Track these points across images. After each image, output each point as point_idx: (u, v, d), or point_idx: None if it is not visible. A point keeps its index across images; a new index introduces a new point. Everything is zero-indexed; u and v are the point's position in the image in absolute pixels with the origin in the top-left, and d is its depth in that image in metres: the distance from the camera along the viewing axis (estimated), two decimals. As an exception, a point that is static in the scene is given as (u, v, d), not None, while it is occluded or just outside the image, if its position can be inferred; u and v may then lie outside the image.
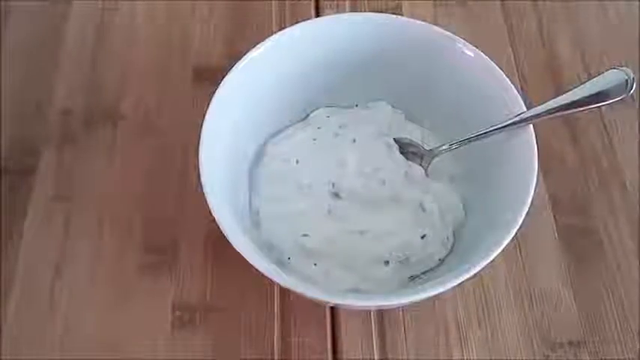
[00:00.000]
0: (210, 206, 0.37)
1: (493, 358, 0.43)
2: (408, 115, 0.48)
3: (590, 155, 0.50)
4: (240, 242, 0.36)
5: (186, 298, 0.45)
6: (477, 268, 0.36)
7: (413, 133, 0.47)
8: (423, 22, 0.44)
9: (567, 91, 0.41)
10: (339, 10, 0.57)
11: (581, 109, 0.41)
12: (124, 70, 0.53)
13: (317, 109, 0.48)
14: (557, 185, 0.49)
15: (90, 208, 0.47)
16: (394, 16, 0.46)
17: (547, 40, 0.56)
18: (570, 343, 0.44)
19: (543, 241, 0.47)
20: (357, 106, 0.48)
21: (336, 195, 0.44)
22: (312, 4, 0.57)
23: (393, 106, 0.48)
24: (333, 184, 0.44)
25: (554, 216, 0.48)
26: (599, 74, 0.42)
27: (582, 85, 0.41)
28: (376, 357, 0.43)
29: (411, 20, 0.45)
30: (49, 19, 0.56)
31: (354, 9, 0.57)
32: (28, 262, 0.45)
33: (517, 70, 0.54)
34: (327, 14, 0.56)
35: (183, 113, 0.50)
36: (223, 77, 0.42)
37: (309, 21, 0.45)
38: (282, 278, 0.36)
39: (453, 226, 0.44)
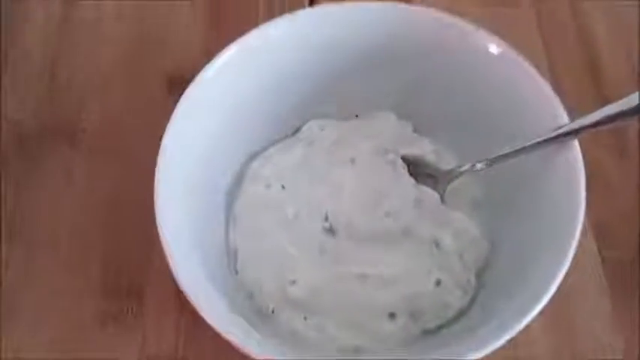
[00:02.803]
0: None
1: None
2: (417, 127, 0.40)
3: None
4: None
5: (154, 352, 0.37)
6: (512, 333, 0.28)
7: (424, 149, 0.38)
8: (436, 11, 0.36)
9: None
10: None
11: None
12: (87, 76, 0.45)
13: (309, 121, 0.40)
14: (600, 210, 0.40)
15: (38, 245, 0.40)
16: (402, 4, 0.37)
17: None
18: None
19: (587, 284, 0.38)
20: (357, 117, 0.40)
21: (330, 230, 0.36)
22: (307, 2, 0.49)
23: (399, 117, 0.40)
24: (327, 217, 0.36)
25: (599, 250, 0.39)
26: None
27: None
28: None
29: (422, 9, 0.36)
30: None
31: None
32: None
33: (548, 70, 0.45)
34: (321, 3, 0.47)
35: (154, 129, 0.42)
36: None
37: (296, 12, 0.37)
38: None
39: (475, 267, 0.35)
